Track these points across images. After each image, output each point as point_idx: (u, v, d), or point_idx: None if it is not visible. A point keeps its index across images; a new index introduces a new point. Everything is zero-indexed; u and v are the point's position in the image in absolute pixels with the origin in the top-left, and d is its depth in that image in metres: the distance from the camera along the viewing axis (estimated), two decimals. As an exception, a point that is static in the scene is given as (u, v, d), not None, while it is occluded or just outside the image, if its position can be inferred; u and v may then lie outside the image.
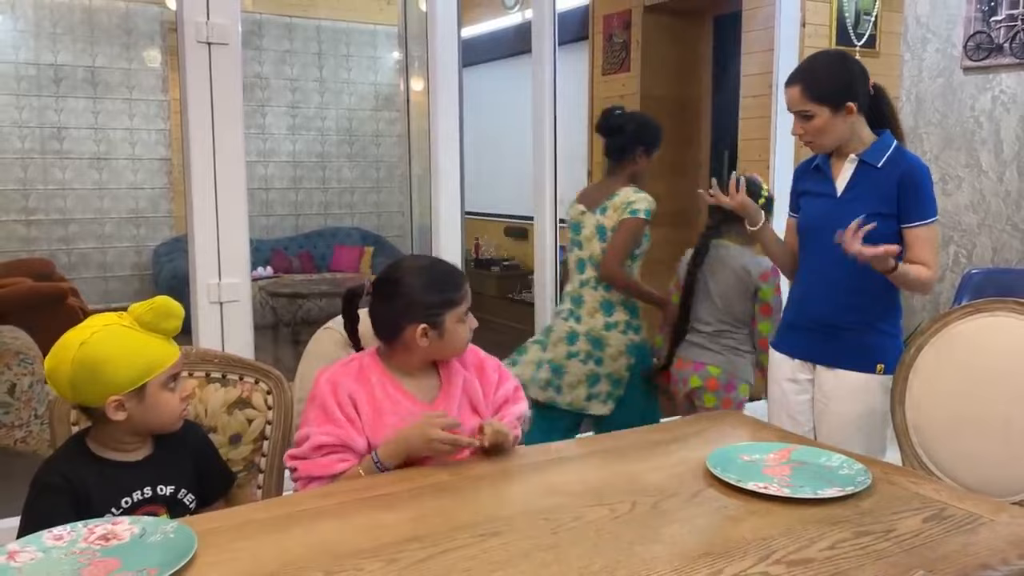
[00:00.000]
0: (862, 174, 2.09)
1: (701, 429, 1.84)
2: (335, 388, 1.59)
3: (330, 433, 1.56)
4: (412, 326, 1.60)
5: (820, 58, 2.13)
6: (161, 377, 1.45)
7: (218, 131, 2.87)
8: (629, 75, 5.68)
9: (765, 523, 1.33)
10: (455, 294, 1.63)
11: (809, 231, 2.19)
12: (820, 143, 2.09)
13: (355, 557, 1.21)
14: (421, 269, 1.65)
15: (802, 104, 2.04)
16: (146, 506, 1.45)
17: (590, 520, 1.34)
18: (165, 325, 1.45)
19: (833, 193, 2.13)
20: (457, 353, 1.69)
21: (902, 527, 1.32)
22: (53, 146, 6.57)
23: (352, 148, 7.84)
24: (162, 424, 1.49)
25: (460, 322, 1.64)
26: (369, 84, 7.85)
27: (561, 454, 1.67)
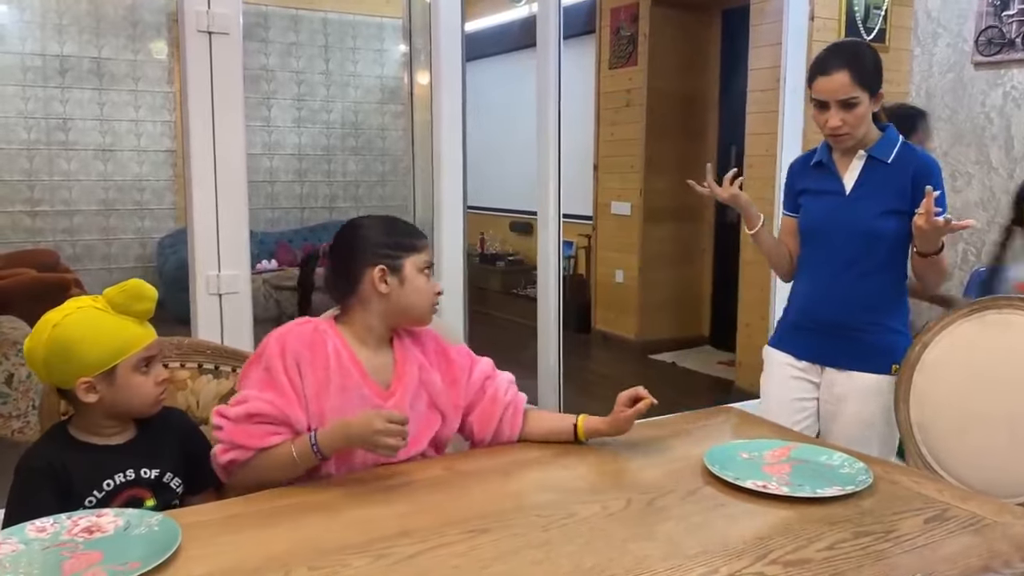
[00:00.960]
0: (871, 170, 2.02)
1: (700, 425, 1.81)
2: (283, 351, 1.48)
3: (272, 403, 1.44)
4: (370, 269, 1.52)
5: (853, 44, 2.06)
6: (132, 359, 1.43)
7: (218, 122, 2.85)
8: (636, 69, 5.64)
9: (763, 522, 1.30)
10: (413, 240, 1.58)
11: (816, 231, 2.11)
12: (857, 133, 1.97)
13: (341, 552, 1.19)
14: (380, 218, 1.62)
15: (852, 89, 1.91)
16: (130, 489, 1.44)
17: (583, 517, 1.31)
18: (137, 307, 1.45)
19: (841, 191, 2.05)
20: (423, 312, 1.58)
21: (903, 528, 1.29)
22: (58, 137, 6.56)
23: (358, 141, 7.82)
24: (136, 407, 1.47)
25: (421, 273, 1.55)
26: (375, 77, 7.82)
27: (555, 450, 1.64)
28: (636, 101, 5.65)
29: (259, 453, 1.44)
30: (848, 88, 1.92)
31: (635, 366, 5.47)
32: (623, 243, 5.86)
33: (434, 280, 1.60)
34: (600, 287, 6.15)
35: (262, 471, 1.44)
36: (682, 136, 5.73)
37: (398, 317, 1.58)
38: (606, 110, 5.93)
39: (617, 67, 5.81)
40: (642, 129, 5.61)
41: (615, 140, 5.87)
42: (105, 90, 6.69)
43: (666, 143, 5.65)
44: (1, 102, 6.35)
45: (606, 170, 5.98)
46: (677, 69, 5.66)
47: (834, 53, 1.98)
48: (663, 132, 5.63)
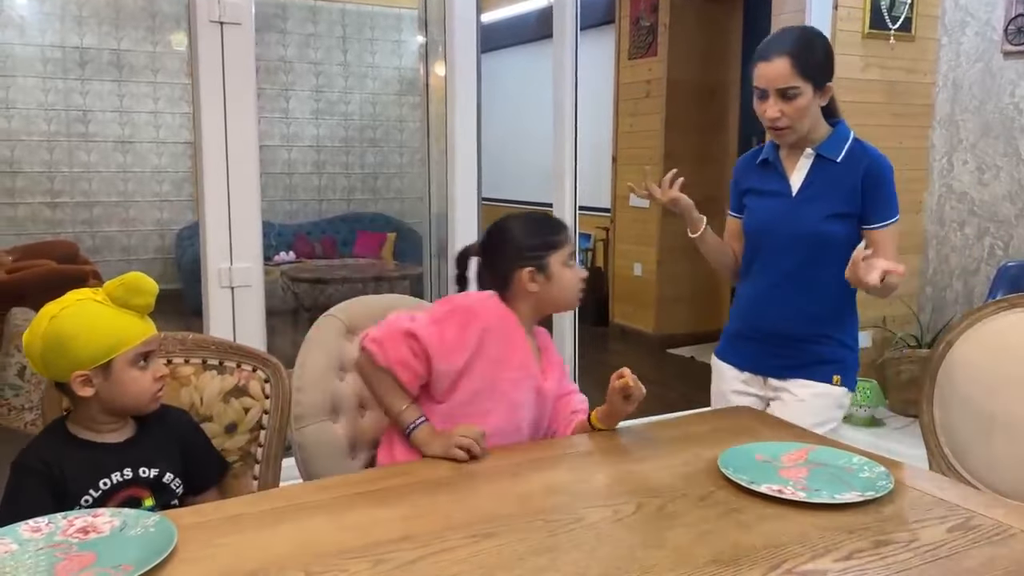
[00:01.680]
0: (819, 170, 1.90)
1: (715, 426, 1.76)
2: (473, 315, 1.60)
3: (431, 337, 1.55)
4: (519, 271, 1.63)
5: (800, 30, 1.92)
6: (129, 354, 1.41)
7: (230, 113, 2.82)
8: (656, 60, 5.57)
9: (778, 529, 1.25)
10: (555, 237, 1.66)
11: (760, 234, 1.99)
12: (799, 127, 1.85)
13: (340, 556, 1.15)
14: (521, 217, 1.72)
15: (791, 79, 1.80)
16: (127, 488, 1.41)
17: (591, 522, 1.27)
18: (136, 301, 1.42)
19: (788, 192, 1.93)
20: (570, 301, 1.70)
21: (925, 536, 1.23)
22: (78, 129, 6.60)
23: (376, 133, 7.80)
24: (132, 404, 1.44)
25: (566, 266, 1.66)
26: (393, 68, 7.79)
27: (566, 450, 1.60)
28: (656, 92, 5.57)
29: (386, 373, 1.56)
30: (787, 77, 1.81)
31: (653, 360, 5.41)
32: (641, 236, 5.80)
33: (578, 267, 1.70)
34: (618, 280, 6.10)
35: (377, 388, 1.60)
36: (702, 128, 5.65)
37: (548, 308, 1.71)
38: (625, 101, 5.87)
39: (637, 58, 5.74)
40: (661, 121, 5.54)
41: (634, 132, 5.81)
42: (124, 82, 6.72)
43: (686, 135, 5.57)
44: (22, 94, 6.40)
45: (625, 162, 5.92)
46: (698, 59, 5.58)
47: (777, 38, 1.88)
48: (683, 124, 5.56)
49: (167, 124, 6.83)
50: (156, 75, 6.80)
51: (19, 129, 6.40)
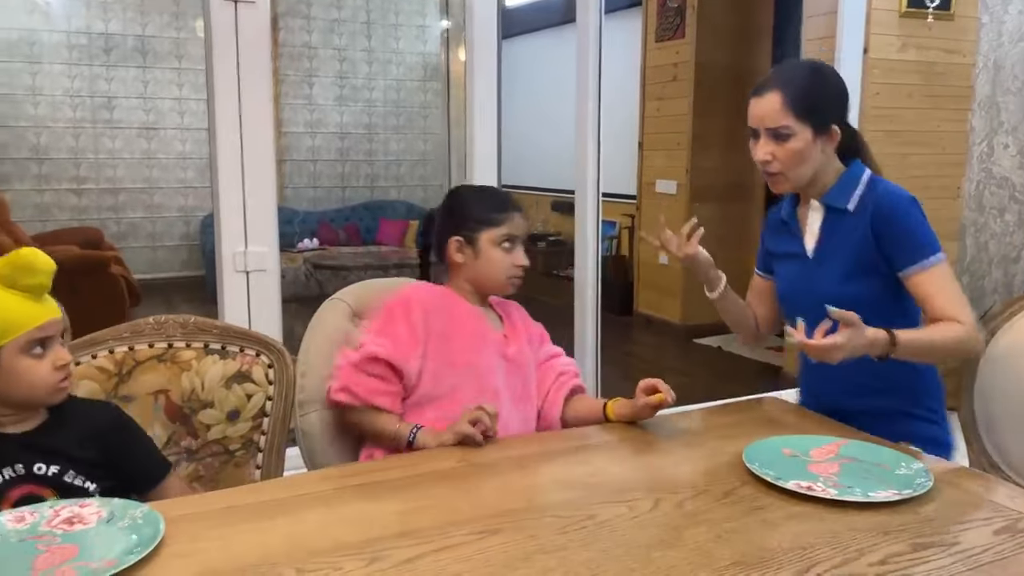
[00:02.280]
0: (833, 223, 1.66)
1: (740, 418, 1.67)
2: (409, 301, 1.57)
3: (384, 347, 1.52)
4: (449, 239, 1.62)
5: (801, 65, 1.72)
6: (20, 341, 1.24)
7: (244, 94, 2.75)
8: (684, 42, 5.43)
9: (806, 529, 1.16)
10: (495, 214, 1.61)
11: (785, 302, 1.79)
12: (793, 175, 1.61)
13: (335, 553, 1.08)
14: (476, 187, 1.74)
15: (781, 118, 1.56)
16: (21, 486, 1.26)
17: (604, 519, 1.19)
18: (26, 281, 1.24)
19: (803, 253, 1.70)
20: (496, 283, 1.64)
21: (968, 540, 1.13)
22: (103, 115, 6.60)
23: (399, 120, 7.73)
24: (28, 396, 1.28)
25: (497, 246, 1.60)
26: (417, 54, 7.72)
27: (580, 442, 1.52)
28: (683, 75, 5.44)
29: (367, 410, 1.52)
30: (777, 115, 1.57)
31: (679, 350, 5.30)
32: (668, 223, 5.66)
33: (518, 252, 1.63)
34: (643, 268, 5.99)
35: (366, 426, 1.54)
36: (731, 112, 5.49)
37: (477, 285, 1.65)
38: (652, 85, 5.74)
39: (664, 40, 5.61)
40: (689, 104, 5.41)
41: (661, 116, 5.68)
42: (149, 68, 6.71)
43: (714, 119, 5.44)
44: (48, 80, 6.41)
45: (651, 147, 5.79)
46: (727, 41, 5.43)
47: (775, 72, 1.67)
48: (711, 108, 5.42)
49: (191, 110, 6.81)
50: (180, 61, 6.78)
51: (45, 116, 6.41)
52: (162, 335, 1.61)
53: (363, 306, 1.72)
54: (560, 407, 1.65)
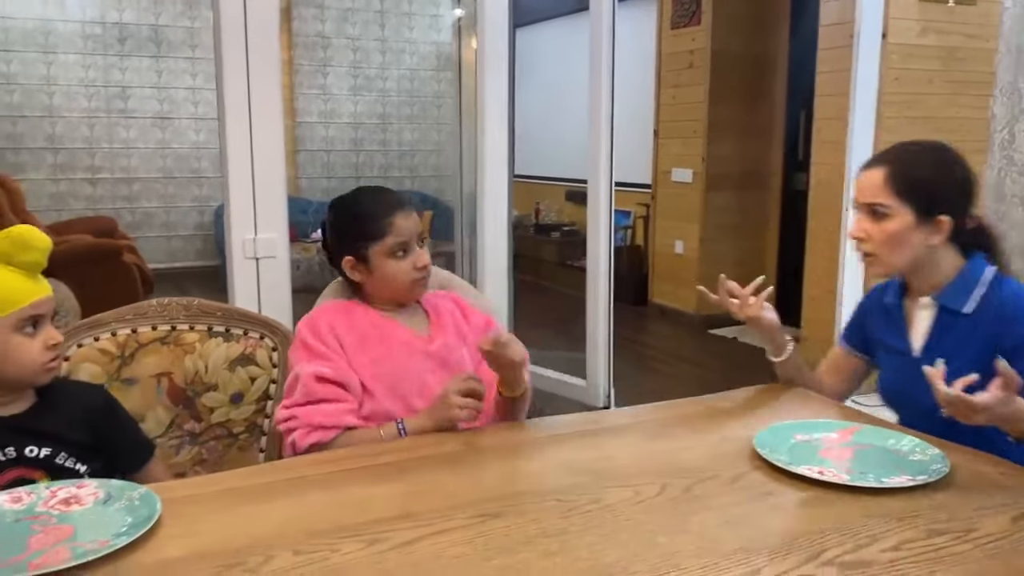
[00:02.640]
0: (945, 324, 1.51)
1: (751, 404, 1.63)
2: (315, 324, 1.49)
3: (325, 365, 1.43)
4: (341, 259, 1.54)
5: (921, 145, 1.55)
6: (11, 318, 1.23)
7: (254, 81, 2.73)
8: (699, 29, 5.37)
9: (817, 515, 1.13)
10: (375, 225, 1.50)
11: (890, 402, 1.63)
12: (886, 260, 1.50)
13: (333, 535, 1.06)
14: (355, 199, 1.57)
15: (880, 193, 1.46)
16: (13, 468, 1.25)
17: (609, 504, 1.16)
18: (22, 257, 1.24)
19: (908, 350, 1.56)
20: (399, 294, 1.54)
21: (985, 526, 1.09)
22: (118, 105, 6.62)
23: (413, 110, 7.71)
24: (17, 375, 1.26)
25: (390, 257, 1.50)
26: (431, 43, 7.68)
27: (588, 427, 1.49)
28: (699, 62, 5.38)
29: (343, 433, 1.41)
30: (876, 190, 1.47)
31: (694, 341, 5.26)
32: (683, 212, 5.63)
33: (416, 253, 1.52)
34: (658, 258, 5.94)
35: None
36: (748, 99, 5.45)
37: (384, 296, 1.55)
38: (668, 72, 5.68)
39: (680, 27, 5.54)
40: (705, 92, 5.34)
41: (677, 104, 5.62)
42: (163, 57, 6.71)
43: (731, 106, 5.38)
44: (63, 70, 6.43)
45: (667, 135, 5.74)
46: (743, 28, 5.36)
47: (890, 149, 1.54)
48: (728, 95, 5.36)
49: (205, 100, 6.81)
50: (194, 50, 6.79)
51: (60, 105, 6.44)
52: (165, 317, 1.59)
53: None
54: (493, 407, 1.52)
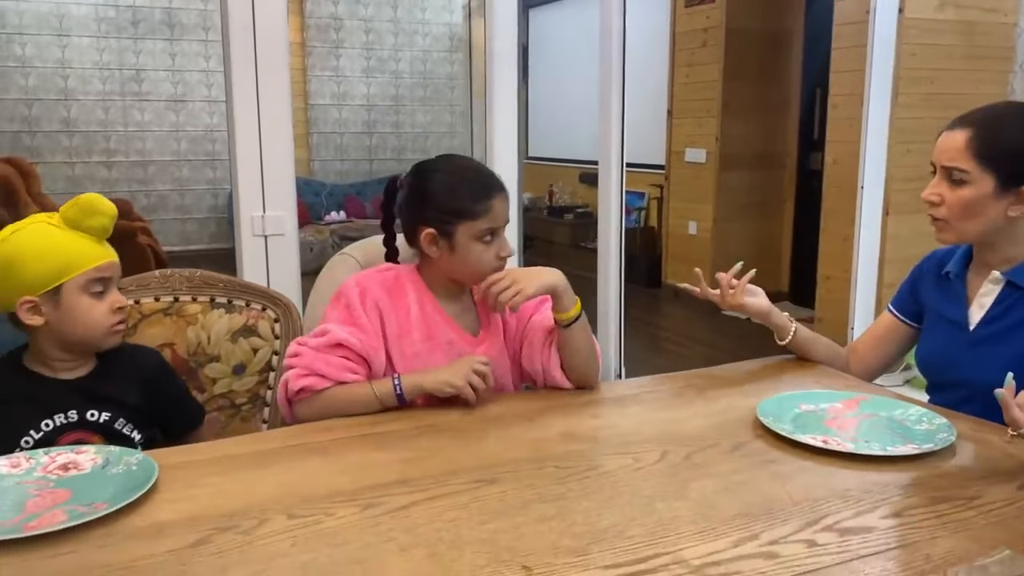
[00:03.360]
0: (1010, 301, 1.43)
1: (757, 375, 1.61)
2: (363, 293, 1.42)
3: (355, 336, 1.37)
4: (421, 228, 1.43)
5: (1010, 108, 1.45)
6: (80, 279, 1.27)
7: (260, 52, 2.72)
8: (714, 7, 5.30)
9: (819, 482, 1.11)
10: (474, 205, 1.41)
11: (929, 372, 1.57)
12: (960, 227, 1.41)
13: (328, 500, 1.06)
14: (451, 169, 1.47)
15: (959, 157, 1.37)
16: (74, 432, 1.29)
17: (608, 470, 1.15)
18: (90, 222, 1.29)
19: (963, 322, 1.48)
20: (475, 279, 1.47)
21: (990, 494, 1.07)
22: (132, 88, 6.64)
23: (426, 91, 7.68)
24: (85, 336, 1.30)
25: (478, 240, 1.41)
26: (443, 24, 7.64)
27: (590, 397, 1.48)
28: (713, 41, 5.32)
29: (335, 386, 1.36)
30: (956, 154, 1.37)
31: (706, 322, 5.22)
32: (697, 193, 5.58)
33: (501, 241, 1.45)
34: (672, 239, 5.90)
35: (335, 404, 1.36)
36: (763, 78, 5.38)
37: (453, 278, 1.48)
38: (681, 51, 5.62)
39: (694, 5, 5.48)
40: (720, 70, 5.29)
41: (690, 83, 5.57)
42: (176, 40, 6.72)
43: (745, 85, 5.32)
44: (77, 53, 6.45)
45: (680, 115, 5.69)
46: (758, 5, 5.30)
47: (978, 110, 1.43)
48: (742, 73, 5.30)
49: (218, 83, 6.81)
50: (207, 33, 6.79)
51: (75, 88, 6.46)
52: (168, 289, 1.59)
53: (371, 261, 1.69)
54: (557, 362, 1.47)
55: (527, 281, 1.40)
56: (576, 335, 1.45)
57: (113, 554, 0.93)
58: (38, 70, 6.34)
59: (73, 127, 6.49)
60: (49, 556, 0.92)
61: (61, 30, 6.36)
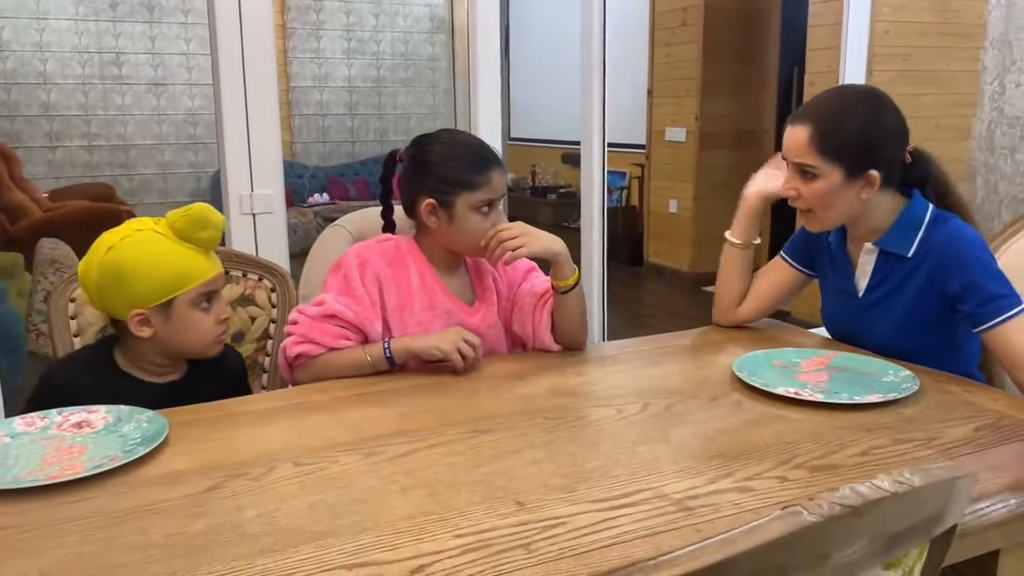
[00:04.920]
0: (888, 268, 1.51)
1: (737, 337, 1.69)
2: (363, 265, 1.47)
3: (349, 307, 1.43)
4: (421, 198, 1.47)
5: (845, 98, 1.48)
6: (191, 294, 1.30)
7: (247, 33, 2.76)
8: (693, -14, 5.36)
9: (791, 428, 1.19)
10: (474, 176, 1.46)
11: (836, 331, 1.65)
12: (822, 217, 1.48)
13: (331, 449, 1.12)
14: (452, 141, 1.51)
15: (805, 154, 1.43)
16: None
17: (593, 420, 1.22)
18: (200, 235, 1.30)
19: (853, 290, 1.57)
20: (471, 250, 1.51)
21: (948, 435, 1.16)
22: (112, 71, 6.60)
23: (407, 73, 7.69)
24: (192, 347, 1.34)
25: (475, 211, 1.46)
26: (424, 5, 7.64)
27: (579, 357, 1.55)
28: (692, 20, 5.38)
29: (329, 352, 1.43)
30: (801, 150, 1.43)
31: (687, 298, 5.32)
32: (677, 171, 5.66)
33: (497, 213, 1.49)
34: (653, 218, 5.98)
35: (329, 369, 1.43)
36: (742, 57, 5.46)
37: (450, 248, 1.53)
38: (661, 31, 5.68)
39: (673, -15, 5.54)
40: (699, 50, 5.35)
41: (670, 62, 5.63)
42: (156, 23, 6.68)
43: (724, 65, 5.39)
44: (56, 36, 6.41)
45: (660, 94, 5.75)
46: (736, -16, 5.36)
47: (812, 101, 1.50)
48: (721, 53, 5.37)
49: (199, 66, 6.79)
50: (187, 16, 6.76)
51: (54, 72, 6.42)
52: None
53: (364, 233, 1.74)
54: (548, 326, 1.54)
55: (533, 238, 1.47)
56: (572, 302, 1.53)
57: (132, 499, 0.99)
58: (16, 54, 6.30)
59: (53, 111, 6.46)
60: (72, 502, 0.98)
61: (38, 13, 6.32)
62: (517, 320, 1.59)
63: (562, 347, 1.56)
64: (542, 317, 1.55)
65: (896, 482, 0.64)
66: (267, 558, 0.85)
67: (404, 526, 0.91)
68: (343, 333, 1.44)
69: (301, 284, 1.71)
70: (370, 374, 1.43)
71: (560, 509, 0.95)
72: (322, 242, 1.74)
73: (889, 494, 0.63)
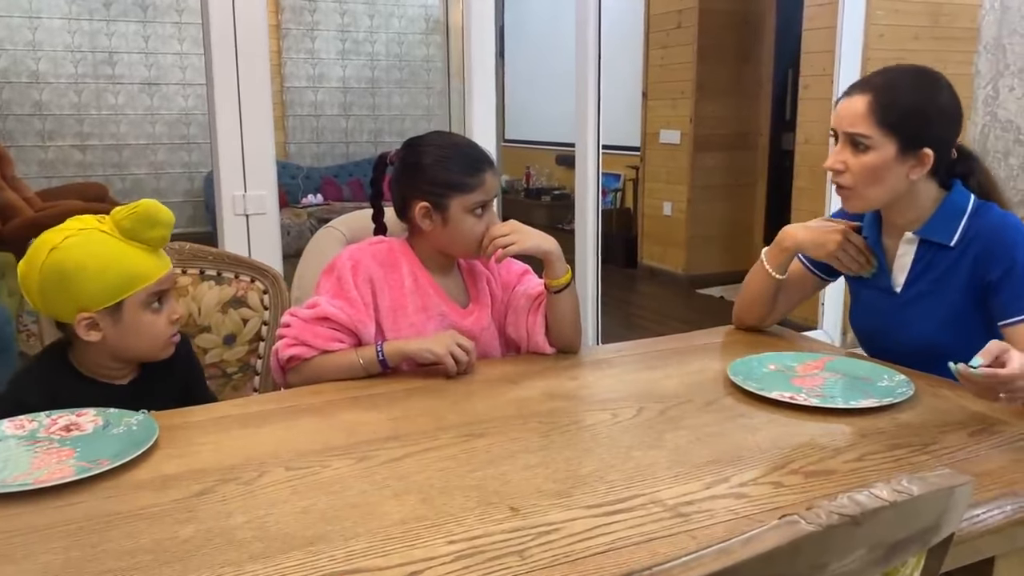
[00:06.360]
0: (928, 259, 1.46)
1: (732, 341, 1.68)
2: (356, 267, 1.46)
3: (342, 309, 1.42)
4: (415, 202, 1.46)
5: (907, 73, 1.44)
6: (141, 295, 1.25)
7: (240, 33, 2.74)
8: (688, -12, 5.36)
9: (786, 433, 1.18)
10: (468, 178, 1.45)
11: (867, 339, 1.61)
12: (866, 193, 1.43)
13: (323, 454, 1.11)
14: (444, 144, 1.50)
15: (861, 123, 1.39)
16: None
17: (587, 424, 1.22)
18: (149, 234, 1.25)
19: (890, 287, 1.52)
20: (465, 252, 1.52)
21: (944, 441, 1.15)
22: (105, 71, 6.57)
23: (402, 73, 7.67)
24: (144, 350, 1.30)
25: (470, 213, 1.46)
26: (419, 6, 7.63)
27: (574, 360, 1.54)
28: (688, 22, 5.38)
29: (321, 355, 1.42)
30: (858, 120, 1.39)
31: (681, 300, 5.32)
32: (672, 174, 5.66)
33: (491, 216, 1.49)
34: (647, 220, 5.98)
35: (322, 372, 1.42)
36: (736, 59, 5.46)
37: (444, 251, 1.53)
38: (656, 33, 5.68)
39: (668, -13, 5.54)
40: (693, 52, 5.35)
41: (665, 65, 5.63)
42: (149, 23, 6.66)
43: (719, 67, 5.40)
44: (48, 35, 6.38)
45: (655, 97, 5.75)
46: (731, -14, 5.36)
47: (874, 73, 1.46)
48: (716, 55, 5.37)
49: (193, 66, 6.77)
50: (181, 15, 6.73)
51: (47, 71, 6.39)
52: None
53: (356, 234, 1.73)
54: (542, 328, 1.54)
55: (525, 235, 1.47)
56: (564, 301, 1.52)
57: (121, 503, 0.98)
58: (8, 52, 6.26)
59: (46, 110, 6.42)
60: (60, 506, 0.97)
61: (31, 12, 6.28)
62: (511, 322, 1.58)
63: (556, 349, 1.55)
64: (536, 319, 1.54)
65: (894, 491, 0.64)
66: (257, 564, 0.84)
67: (397, 532, 0.90)
68: (336, 336, 1.43)
69: (294, 285, 1.70)
70: (363, 377, 1.42)
71: (554, 515, 0.94)
72: (315, 243, 1.73)
73: (888, 503, 0.63)
